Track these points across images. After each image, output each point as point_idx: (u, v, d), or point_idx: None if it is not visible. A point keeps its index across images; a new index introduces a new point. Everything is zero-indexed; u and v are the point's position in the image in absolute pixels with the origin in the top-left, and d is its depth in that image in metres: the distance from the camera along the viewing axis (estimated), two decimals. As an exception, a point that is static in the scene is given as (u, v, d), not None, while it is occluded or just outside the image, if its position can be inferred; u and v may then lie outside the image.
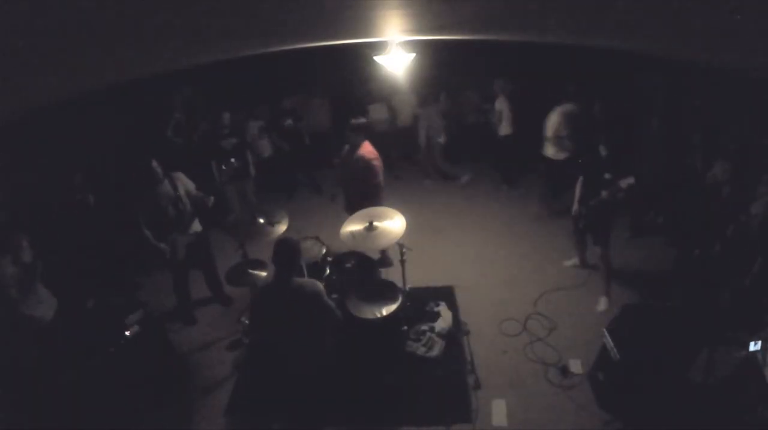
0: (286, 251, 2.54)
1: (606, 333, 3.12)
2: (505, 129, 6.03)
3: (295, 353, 2.69)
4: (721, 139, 4.36)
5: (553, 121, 5.14)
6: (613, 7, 1.73)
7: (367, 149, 4.04)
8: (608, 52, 4.64)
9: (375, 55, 4.05)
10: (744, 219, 3.46)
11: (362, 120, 4.17)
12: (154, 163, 3.58)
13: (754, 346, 2.55)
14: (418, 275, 4.45)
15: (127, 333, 3.21)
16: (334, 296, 3.32)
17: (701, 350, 2.81)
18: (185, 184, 3.78)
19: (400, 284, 3.58)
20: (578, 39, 3.91)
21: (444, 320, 3.83)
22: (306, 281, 2.61)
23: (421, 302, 4.00)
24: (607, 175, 3.63)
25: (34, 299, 3.03)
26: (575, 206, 4.04)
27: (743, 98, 4.12)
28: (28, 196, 3.93)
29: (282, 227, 3.43)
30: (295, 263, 2.58)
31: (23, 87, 2.44)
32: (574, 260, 4.60)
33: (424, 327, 3.74)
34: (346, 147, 4.21)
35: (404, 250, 3.56)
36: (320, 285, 2.61)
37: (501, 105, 5.98)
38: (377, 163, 4.01)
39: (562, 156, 5.15)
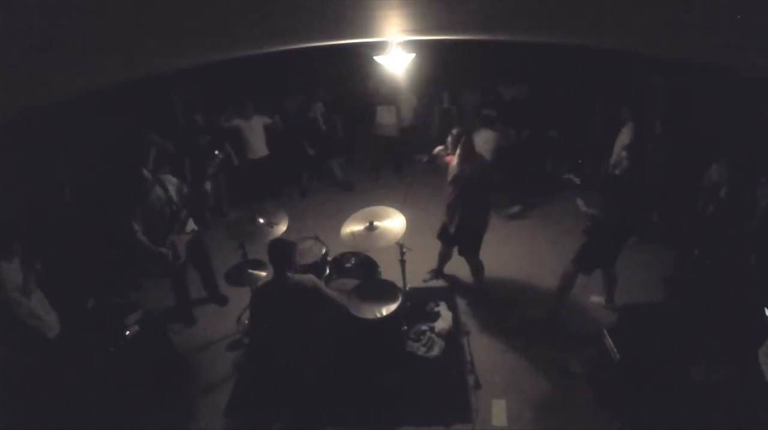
0: (280, 250, 2.59)
1: (606, 333, 3.12)
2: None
3: (295, 351, 2.69)
4: (720, 140, 4.36)
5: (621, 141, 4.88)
6: (613, 7, 1.73)
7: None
8: (608, 53, 4.64)
9: (375, 55, 4.05)
10: (744, 220, 3.46)
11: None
12: (145, 172, 3.55)
13: None
14: (418, 275, 4.45)
15: (127, 333, 3.21)
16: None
17: (701, 350, 2.81)
18: (174, 183, 3.76)
19: (400, 284, 3.58)
20: (578, 39, 3.91)
21: (444, 320, 3.83)
22: (303, 276, 2.63)
23: (421, 302, 4.00)
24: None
25: (41, 307, 3.00)
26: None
27: (743, 98, 4.12)
28: (22, 199, 3.91)
29: (281, 227, 3.43)
30: (291, 260, 2.61)
31: (22, 87, 2.44)
32: (600, 299, 4.10)
33: (424, 327, 3.74)
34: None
35: (404, 250, 3.56)
36: (317, 279, 2.64)
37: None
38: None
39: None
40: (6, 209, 3.64)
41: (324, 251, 3.79)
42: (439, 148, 3.95)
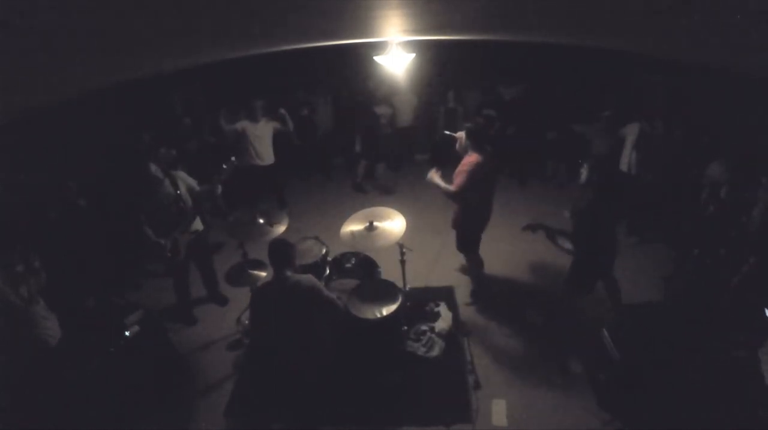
0: (279, 250, 2.60)
1: (606, 333, 3.12)
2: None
3: (295, 350, 2.69)
4: (721, 140, 4.36)
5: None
6: (613, 7, 1.73)
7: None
8: (608, 53, 4.65)
9: (375, 55, 4.05)
10: (745, 220, 3.46)
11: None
12: (153, 168, 3.55)
13: None
14: (418, 275, 4.45)
15: (127, 333, 3.20)
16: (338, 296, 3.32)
17: (701, 350, 2.81)
18: (186, 181, 3.77)
19: (400, 284, 3.58)
20: (578, 39, 3.91)
21: (444, 320, 3.83)
22: (302, 276, 2.63)
23: (421, 302, 4.00)
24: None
25: (44, 313, 2.98)
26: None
27: (743, 98, 4.12)
28: (24, 199, 3.91)
29: (281, 227, 3.43)
30: (290, 259, 2.63)
31: (23, 87, 2.44)
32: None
33: (424, 327, 3.74)
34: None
35: (404, 250, 3.56)
36: (316, 279, 2.64)
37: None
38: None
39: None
40: (6, 209, 3.64)
41: (324, 251, 3.79)
42: (460, 133, 3.73)
